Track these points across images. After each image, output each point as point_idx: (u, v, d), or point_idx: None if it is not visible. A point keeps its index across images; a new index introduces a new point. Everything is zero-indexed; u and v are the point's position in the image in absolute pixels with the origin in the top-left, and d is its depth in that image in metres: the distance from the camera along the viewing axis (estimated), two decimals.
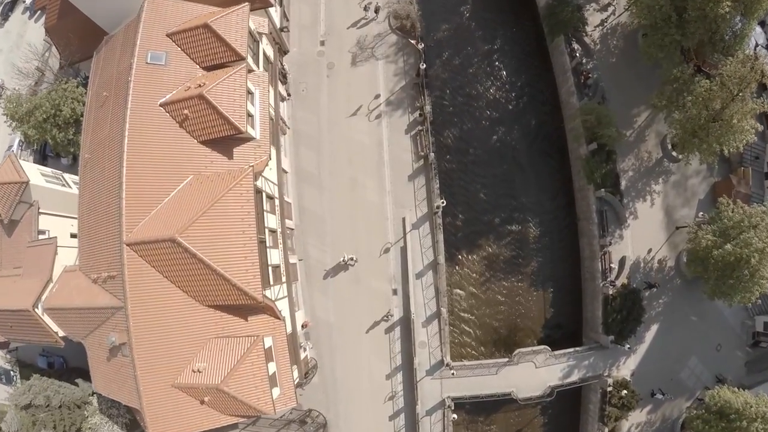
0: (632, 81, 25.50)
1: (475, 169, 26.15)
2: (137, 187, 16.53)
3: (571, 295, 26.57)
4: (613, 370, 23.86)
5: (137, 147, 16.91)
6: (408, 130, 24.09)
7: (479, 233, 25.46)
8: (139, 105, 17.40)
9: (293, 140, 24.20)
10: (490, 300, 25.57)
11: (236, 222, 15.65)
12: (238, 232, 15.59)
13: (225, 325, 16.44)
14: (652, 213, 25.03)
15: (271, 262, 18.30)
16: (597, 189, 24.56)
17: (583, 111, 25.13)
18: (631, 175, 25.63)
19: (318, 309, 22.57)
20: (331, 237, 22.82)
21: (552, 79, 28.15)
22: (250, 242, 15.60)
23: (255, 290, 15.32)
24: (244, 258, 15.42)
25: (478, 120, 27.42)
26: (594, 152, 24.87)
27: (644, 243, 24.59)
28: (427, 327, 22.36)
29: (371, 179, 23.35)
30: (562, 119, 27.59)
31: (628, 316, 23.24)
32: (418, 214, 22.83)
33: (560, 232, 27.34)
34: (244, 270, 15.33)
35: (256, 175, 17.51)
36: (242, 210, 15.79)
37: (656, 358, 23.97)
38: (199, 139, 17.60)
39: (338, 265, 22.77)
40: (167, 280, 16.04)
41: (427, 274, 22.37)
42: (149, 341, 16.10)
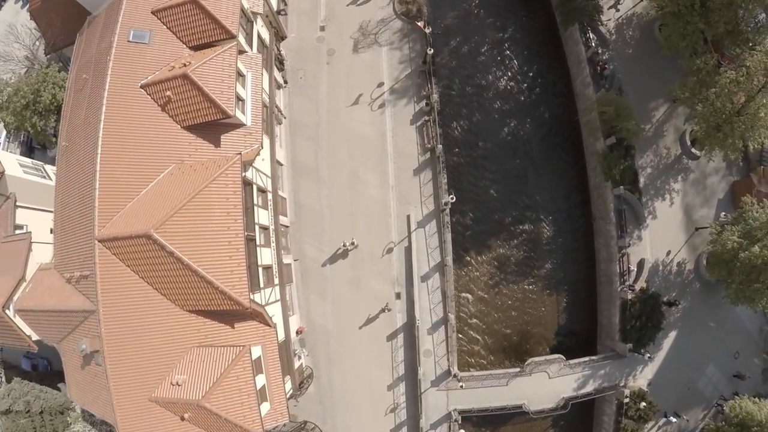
0: (649, 73, 24.03)
1: (484, 164, 24.36)
2: (112, 176, 14.87)
3: (586, 300, 24.94)
4: (629, 380, 22.32)
5: (114, 132, 15.29)
6: (414, 120, 22.31)
7: (489, 233, 23.65)
8: (118, 87, 15.82)
9: (290, 130, 22.44)
10: (499, 305, 23.78)
11: (221, 216, 13.88)
12: (223, 228, 13.81)
13: (208, 332, 14.68)
14: (671, 213, 23.51)
15: (261, 262, 16.53)
16: (615, 186, 22.94)
17: (601, 102, 23.49)
18: (649, 172, 24.05)
19: (314, 313, 20.78)
20: (329, 235, 21.03)
21: (565, 70, 26.56)
22: (237, 240, 13.83)
23: (241, 294, 13.55)
24: (229, 257, 13.65)
25: (488, 111, 25.64)
26: (612, 147, 23.24)
27: (663, 244, 23.10)
28: (432, 334, 20.57)
29: (373, 173, 21.56)
30: (576, 112, 26.05)
31: (647, 323, 21.70)
32: (424, 211, 21.02)
33: (575, 232, 25.65)
34: (228, 271, 13.57)
35: (245, 164, 15.78)
36: (228, 203, 14.02)
37: (674, 366, 22.47)
38: (182, 125, 15.89)
39: (337, 254, 20.92)
40: (144, 282, 14.30)
41: (433, 276, 20.56)
42: (124, 349, 14.40)
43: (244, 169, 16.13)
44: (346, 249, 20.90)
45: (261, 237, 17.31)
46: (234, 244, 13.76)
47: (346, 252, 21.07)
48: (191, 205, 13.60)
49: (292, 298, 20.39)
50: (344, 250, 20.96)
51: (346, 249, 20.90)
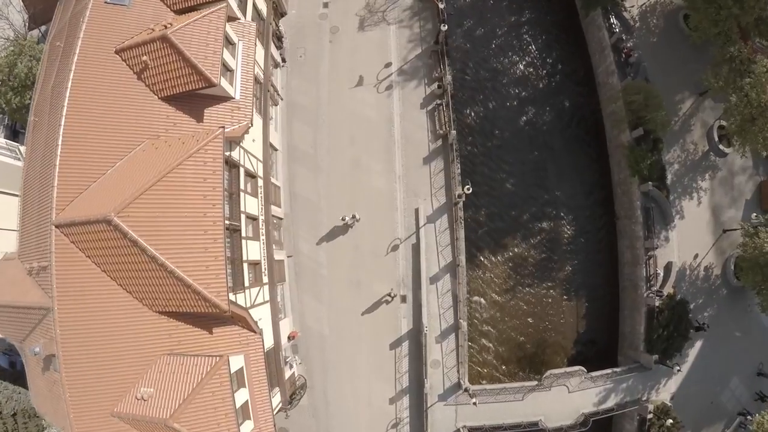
0: (674, 65, 22.21)
1: (501, 155, 22.13)
2: (76, 152, 12.80)
3: (607, 306, 22.84)
4: (652, 393, 20.42)
5: (81, 103, 13.27)
6: (424, 104, 20.09)
7: (504, 231, 21.40)
8: (90, 52, 13.83)
9: (286, 113, 20.27)
10: (515, 310, 21.50)
11: (196, 200, 11.67)
12: (198, 215, 11.59)
13: (181, 338, 12.46)
14: (698, 213, 21.66)
15: (248, 257, 14.31)
16: (642, 182, 20.89)
17: (629, 90, 21.49)
18: (676, 168, 22.16)
19: (309, 317, 18.52)
20: (327, 229, 18.79)
21: (586, 58, 24.56)
22: (215, 229, 11.60)
23: (218, 295, 11.33)
24: (205, 250, 11.44)
25: (504, 98, 23.46)
26: (638, 140, 21.32)
27: (690, 247, 21.26)
28: (441, 343, 18.27)
29: (378, 161, 19.33)
30: (598, 103, 24.07)
31: (674, 332, 19.82)
32: (434, 204, 18.75)
33: (597, 232, 23.44)
34: (203, 266, 11.35)
35: (231, 141, 13.63)
36: (205, 185, 11.82)
37: (698, 378, 20.65)
38: (160, 95, 13.77)
39: (336, 229, 18.68)
40: (106, 276, 12.11)
41: (443, 278, 18.27)
42: (82, 354, 12.28)
43: (229, 148, 13.98)
44: (346, 224, 18.50)
45: (248, 228, 15.10)
46: (211, 233, 11.52)
47: (346, 227, 18.69)
48: (161, 186, 11.41)
49: (284, 299, 18.16)
50: (344, 225, 18.57)
51: (346, 224, 18.50)
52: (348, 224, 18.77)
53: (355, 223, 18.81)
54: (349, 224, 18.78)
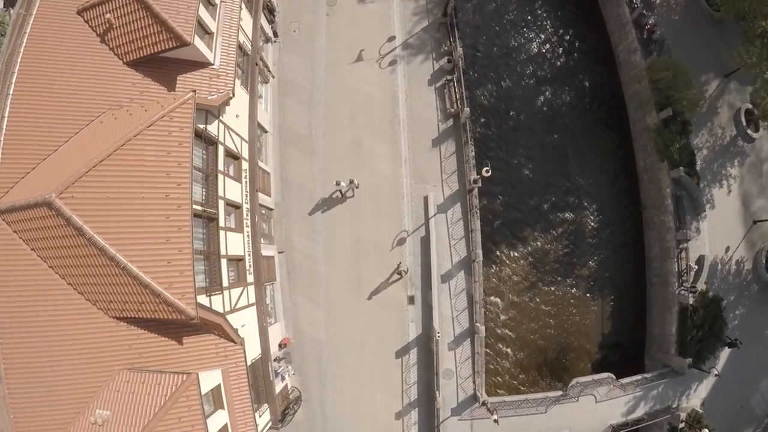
0: (697, 43, 20.37)
1: (517, 138, 19.89)
2: (25, 126, 10.79)
3: (633, 305, 20.75)
4: (682, 400, 18.57)
5: (34, 70, 11.30)
6: (432, 80, 17.84)
7: (523, 222, 19.14)
8: (49, 13, 11.89)
9: (278, 91, 18.03)
10: (535, 312, 19.24)
11: (157, 178, 9.40)
12: (159, 196, 9.32)
13: (143, 349, 10.20)
14: (729, 202, 19.86)
15: (227, 251, 12.04)
16: (672, 168, 18.88)
17: (656, 67, 19.51)
18: (705, 153, 20.29)
19: (303, 321, 16.23)
20: (324, 222, 16.50)
21: (604, 35, 22.53)
22: (179, 214, 9.32)
23: (183, 297, 9.07)
24: (166, 240, 9.17)
25: (519, 77, 21.24)
26: (666, 122, 19.35)
27: (721, 239, 19.43)
28: (455, 350, 15.98)
29: (382, 143, 17.04)
30: (619, 83, 22.07)
31: (708, 332, 18.06)
32: (445, 191, 16.46)
33: (622, 223, 21.28)
34: (164, 261, 9.09)
35: (207, 111, 11.43)
36: (169, 159, 9.55)
37: (729, 381, 18.78)
38: (126, 59, 11.61)
39: (332, 199, 16.37)
40: (54, 273, 9.88)
41: (457, 275, 15.95)
42: (27, 369, 10.07)
43: (205, 120, 11.76)
44: (342, 192, 16.19)
45: (229, 218, 12.85)
46: (175, 220, 9.25)
47: (343, 198, 16.40)
48: (114, 160, 9.16)
49: (275, 301, 15.89)
50: (340, 194, 16.32)
51: (342, 192, 16.19)
52: (344, 193, 16.31)
53: (354, 190, 16.34)
54: (346, 193, 16.31)
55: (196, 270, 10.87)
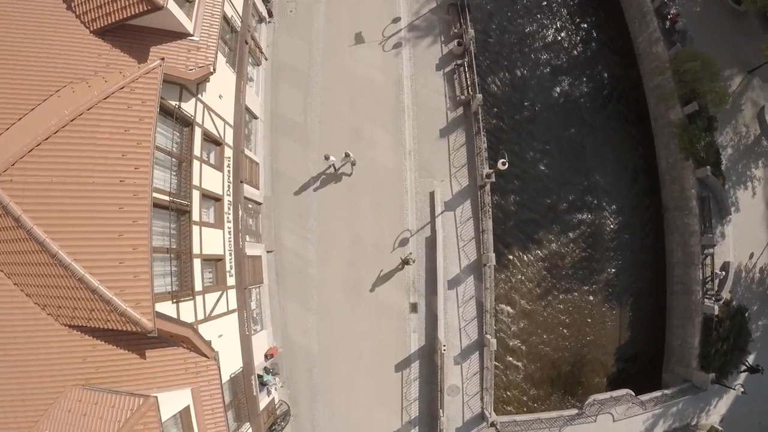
0: (720, 37, 18.94)
1: (532, 130, 18.21)
2: None
3: (652, 314, 19.17)
4: (702, 416, 17.20)
5: None
6: (441, 65, 16.17)
7: (537, 223, 17.45)
8: None
9: (272, 74, 16.38)
10: (548, 321, 17.57)
11: (111, 159, 7.71)
12: (111, 181, 7.63)
13: (99, 364, 8.53)
14: (753, 205, 18.41)
15: (202, 250, 10.38)
16: (698, 167, 17.36)
17: (682, 58, 17.99)
18: (729, 153, 18.77)
19: (293, 329, 14.56)
20: (318, 218, 14.84)
21: (623, 26, 21.00)
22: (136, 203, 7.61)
23: (138, 305, 7.38)
24: (119, 234, 7.48)
25: (534, 65, 19.59)
26: (691, 118, 17.85)
27: (745, 244, 17.98)
28: (462, 364, 14.30)
29: (384, 132, 15.36)
30: (639, 76, 20.55)
31: (734, 345, 16.70)
32: (454, 187, 14.77)
33: (643, 226, 19.66)
34: (115, 260, 7.40)
35: (181, 85, 9.79)
36: (127, 138, 7.85)
37: (748, 397, 17.20)
38: (92, 26, 9.98)
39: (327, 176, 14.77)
40: None
41: (465, 281, 14.25)
42: None
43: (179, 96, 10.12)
44: (335, 168, 14.49)
45: (207, 212, 11.20)
46: (129, 210, 7.55)
47: (339, 174, 14.73)
48: (61, 138, 7.51)
49: (261, 306, 14.22)
50: (333, 169, 14.65)
51: (335, 168, 14.49)
52: (336, 169, 14.55)
53: (350, 166, 14.66)
54: (339, 169, 14.56)
55: (162, 272, 9.27)
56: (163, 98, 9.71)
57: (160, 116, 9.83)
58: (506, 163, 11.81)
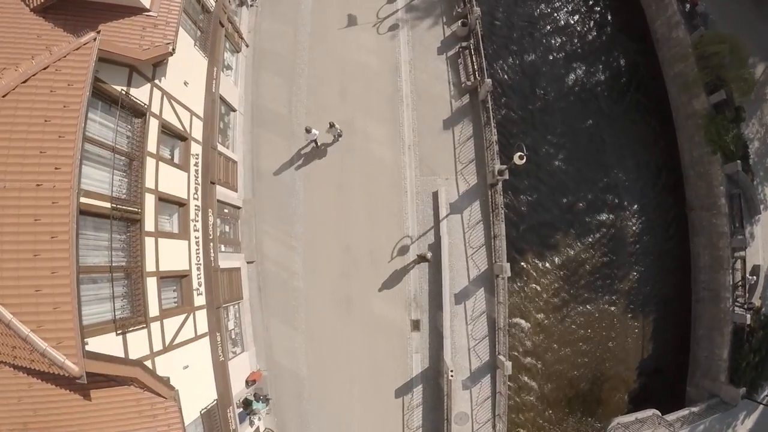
0: (740, 24, 17.21)
1: (546, 121, 16.37)
2: None
3: (676, 324, 17.42)
4: None
5: None
6: (443, 48, 14.32)
7: (554, 225, 15.62)
8: None
9: (253, 62, 14.55)
10: (566, 335, 15.77)
11: (26, 159, 5.91)
12: (25, 186, 5.80)
13: (38, 405, 6.71)
14: None
15: (159, 266, 8.56)
16: (727, 161, 15.74)
17: (708, 41, 16.43)
18: (757, 146, 16.94)
19: (279, 350, 12.74)
20: (305, 223, 13.02)
21: (639, 10, 19.22)
22: (55, 214, 5.75)
23: (60, 344, 5.62)
24: (33, 254, 5.70)
25: (546, 50, 17.74)
26: (717, 107, 16.21)
27: None
28: (471, 388, 12.47)
29: (379, 124, 13.52)
30: (657, 62, 18.79)
31: (766, 356, 15.25)
32: (460, 186, 12.91)
33: (667, 227, 17.84)
34: (30, 288, 5.63)
35: (129, 66, 7.97)
36: (47, 130, 6.02)
37: None
38: (32, 3, 8.21)
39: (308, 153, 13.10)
40: None
41: (475, 295, 12.38)
42: None
43: (127, 80, 8.30)
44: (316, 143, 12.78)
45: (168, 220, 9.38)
46: (47, 223, 5.72)
47: (322, 150, 12.99)
48: None
49: (242, 325, 12.41)
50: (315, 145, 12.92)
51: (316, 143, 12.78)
52: (318, 145, 12.80)
53: (336, 138, 12.87)
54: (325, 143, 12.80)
55: (103, 296, 7.48)
56: (105, 82, 7.92)
57: (102, 104, 8.04)
58: (524, 157, 9.99)
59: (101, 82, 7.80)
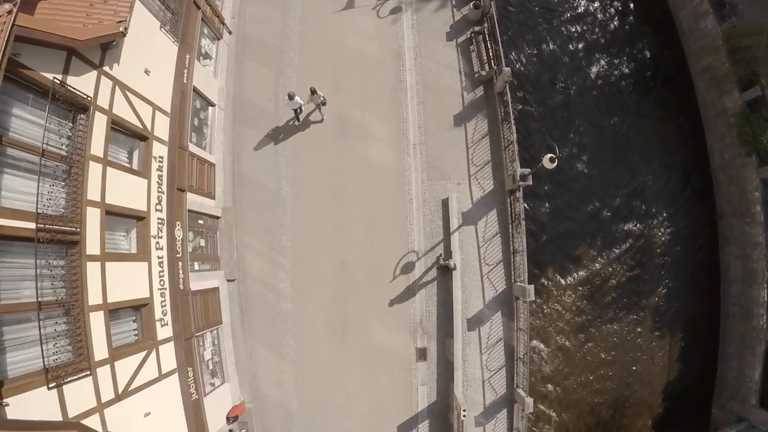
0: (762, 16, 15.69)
1: (568, 118, 14.62)
2: None
3: (705, 340, 15.89)
4: None
5: None
6: (453, 34, 12.53)
7: (577, 235, 13.90)
8: None
9: (236, 51, 12.79)
10: (588, 358, 14.11)
11: None
12: None
13: None
14: None
15: (108, 297, 6.88)
16: (762, 164, 14.33)
17: (742, 32, 15.00)
18: None
19: (265, 380, 11.07)
20: (293, 236, 11.29)
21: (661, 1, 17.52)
22: None
23: None
24: None
25: (565, 39, 15.95)
26: (752, 105, 14.76)
27: None
28: (485, 425, 10.79)
29: (380, 120, 11.78)
30: (683, 55, 17.13)
31: None
32: (474, 192, 11.16)
33: (697, 237, 16.18)
34: None
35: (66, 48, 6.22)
36: None
37: None
38: None
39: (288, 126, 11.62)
40: None
41: (491, 319, 10.66)
42: None
43: (64, 66, 6.55)
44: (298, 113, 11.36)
45: (123, 238, 7.69)
46: None
47: (305, 121, 11.54)
48: None
49: (222, 353, 10.73)
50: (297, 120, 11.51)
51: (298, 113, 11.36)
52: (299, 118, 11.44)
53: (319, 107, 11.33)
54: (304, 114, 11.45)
55: (30, 338, 5.83)
56: (30, 68, 6.19)
57: (30, 98, 6.33)
58: (556, 160, 8.29)
59: (25, 68, 6.09)
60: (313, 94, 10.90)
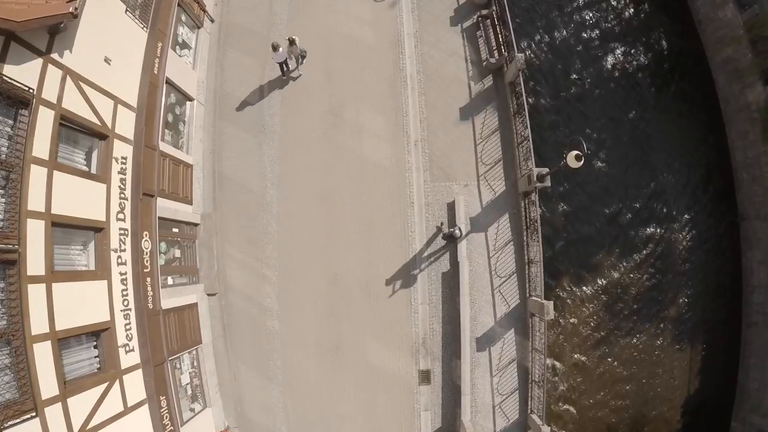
0: None
1: (584, 112, 13.43)
2: None
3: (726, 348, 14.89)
4: None
5: None
6: (457, 18, 11.32)
7: (594, 241, 12.72)
8: None
9: (218, 40, 11.61)
10: (606, 375, 13.00)
11: None
12: None
13: None
14: None
15: (57, 324, 5.78)
16: None
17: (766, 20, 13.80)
18: None
19: (251, 404, 9.97)
20: (279, 246, 10.13)
21: None
22: None
23: None
24: None
25: (578, 27, 14.73)
26: None
27: None
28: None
29: (376, 114, 10.58)
30: (701, 48, 16.03)
31: None
32: (484, 195, 9.96)
33: (720, 240, 15.06)
34: None
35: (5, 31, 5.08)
36: None
37: None
38: None
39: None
40: None
41: (503, 338, 9.48)
42: None
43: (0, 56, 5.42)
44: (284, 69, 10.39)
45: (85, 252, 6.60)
46: None
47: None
48: None
49: (203, 375, 9.64)
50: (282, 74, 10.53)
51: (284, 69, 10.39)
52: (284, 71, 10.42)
53: (299, 61, 10.32)
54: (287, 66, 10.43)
55: None
56: None
57: None
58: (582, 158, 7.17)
59: None
60: (292, 44, 9.83)
